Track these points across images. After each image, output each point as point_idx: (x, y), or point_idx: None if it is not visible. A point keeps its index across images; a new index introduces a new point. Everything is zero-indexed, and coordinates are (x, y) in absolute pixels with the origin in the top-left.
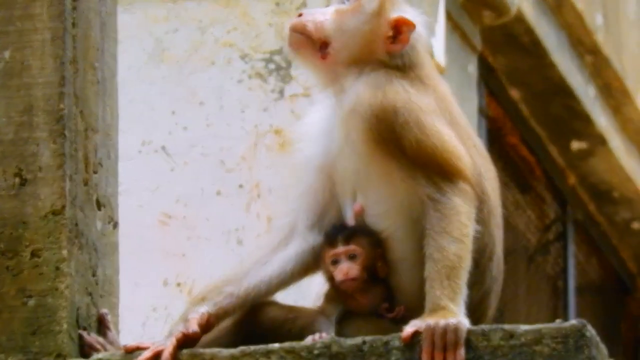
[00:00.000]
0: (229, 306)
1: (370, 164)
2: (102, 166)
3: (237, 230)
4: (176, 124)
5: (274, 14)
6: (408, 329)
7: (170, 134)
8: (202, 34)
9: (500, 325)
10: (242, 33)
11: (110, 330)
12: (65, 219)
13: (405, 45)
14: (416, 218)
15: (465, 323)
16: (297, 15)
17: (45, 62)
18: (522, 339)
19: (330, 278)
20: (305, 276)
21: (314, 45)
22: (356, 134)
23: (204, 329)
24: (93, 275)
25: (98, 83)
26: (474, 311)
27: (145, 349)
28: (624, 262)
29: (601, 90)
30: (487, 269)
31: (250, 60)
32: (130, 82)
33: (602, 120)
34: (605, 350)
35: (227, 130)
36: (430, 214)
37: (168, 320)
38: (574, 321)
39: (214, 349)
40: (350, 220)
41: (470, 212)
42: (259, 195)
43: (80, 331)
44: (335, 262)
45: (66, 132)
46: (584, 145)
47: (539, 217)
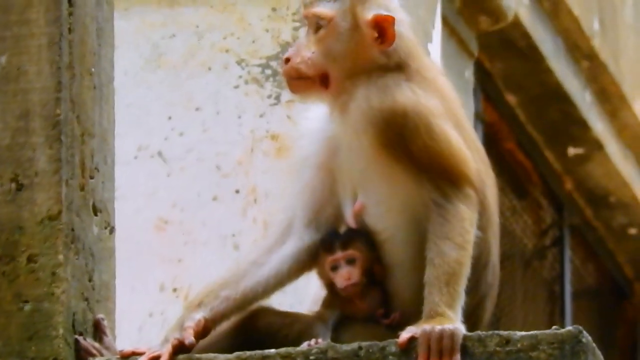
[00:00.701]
0: (226, 310)
1: (376, 166)
2: (98, 171)
3: (234, 236)
4: (172, 129)
5: (271, 19)
6: (404, 335)
7: (166, 139)
8: (199, 40)
9: (496, 332)
10: (238, 39)
11: (106, 336)
12: (62, 224)
13: (394, 40)
14: (418, 221)
15: (461, 329)
16: (284, 61)
17: (42, 68)
18: (519, 345)
19: (329, 284)
20: (301, 275)
21: (314, 83)
22: (364, 136)
23: (200, 335)
24: (89, 281)
25: (94, 88)
26: (470, 317)
27: (141, 354)
28: (621, 267)
29: (598, 96)
30: (482, 276)
31: (247, 66)
32: (126, 88)
33: (599, 125)
34: (602, 356)
35: (224, 136)
36: (434, 219)
37: (164, 326)
38: (570, 327)
39: (210, 354)
40: (349, 219)
41: (473, 218)
42: (255, 200)
43: (76, 336)
44: (335, 268)
45: (62, 138)
46: (580, 150)
47: (535, 222)
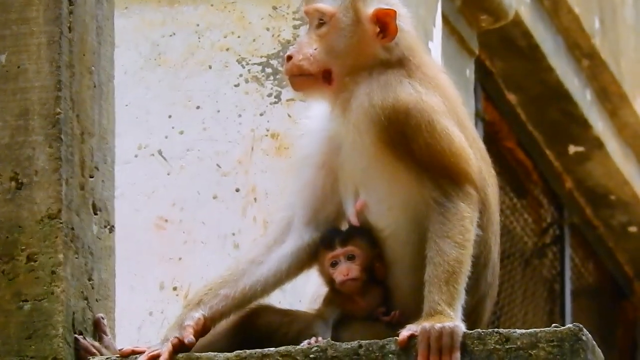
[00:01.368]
0: (225, 309)
1: (378, 164)
2: (98, 170)
3: (234, 234)
4: (172, 127)
5: (271, 18)
6: (404, 333)
7: (166, 137)
8: (199, 38)
9: (496, 330)
10: (238, 37)
11: (106, 335)
12: (61, 223)
13: (396, 34)
14: (419, 219)
15: (461, 327)
16: (286, 59)
17: (42, 66)
18: (518, 343)
19: (330, 281)
20: (300, 273)
21: (317, 80)
22: (366, 134)
23: (199, 334)
24: (89, 280)
25: (94, 87)
26: (470, 315)
27: (140, 353)
28: (621, 266)
29: (598, 94)
30: (482, 275)
31: (247, 65)
32: (126, 86)
33: (599, 124)
34: (601, 354)
35: (224, 134)
36: (435, 218)
37: (164, 324)
38: (570, 325)
39: (209, 353)
40: (351, 217)
41: (473, 217)
42: (255, 199)
43: (75, 335)
44: (335, 264)
45: (62, 136)
46: (580, 149)
47: (535, 220)
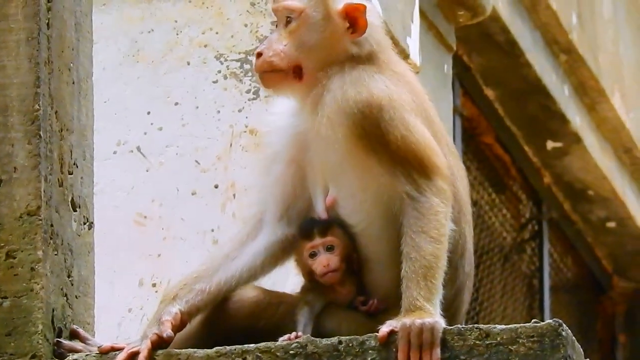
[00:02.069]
0: (200, 303)
1: (350, 158)
2: (77, 167)
3: (213, 231)
4: (151, 124)
5: (249, 14)
6: (384, 329)
7: (145, 134)
8: (177, 34)
9: (476, 325)
10: (217, 33)
11: (88, 339)
12: (41, 220)
13: (365, 29)
14: (391, 214)
15: (441, 323)
16: (255, 56)
17: (20, 63)
18: (498, 339)
19: (309, 272)
20: (274, 268)
21: (287, 75)
22: (339, 128)
23: (177, 328)
24: (68, 276)
25: (73, 83)
26: (448, 308)
27: (120, 349)
28: (599, 261)
29: (576, 89)
30: (460, 265)
31: (226, 61)
32: (105, 83)
33: (577, 119)
34: (581, 349)
35: (203, 131)
36: (409, 212)
37: (143, 321)
38: (550, 321)
39: (189, 349)
40: (321, 213)
41: (447, 212)
42: (234, 195)
43: (57, 339)
44: (314, 255)
45: (41, 133)
46: (559, 144)
47: (514, 216)
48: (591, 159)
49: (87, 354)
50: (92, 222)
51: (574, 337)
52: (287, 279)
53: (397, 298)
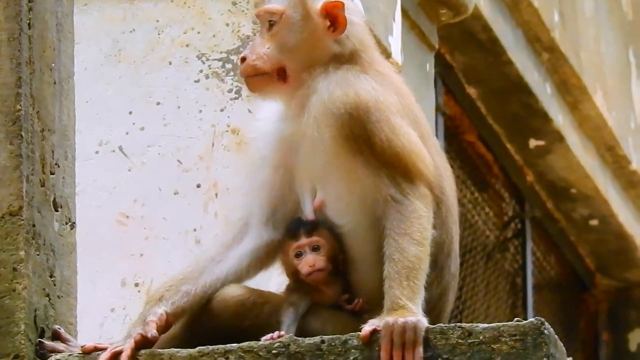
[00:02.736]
0: (186, 305)
1: (337, 159)
2: (59, 167)
3: (195, 230)
4: (133, 124)
5: (231, 13)
6: (366, 328)
7: (127, 134)
8: (159, 34)
9: (458, 324)
10: (198, 33)
11: (70, 341)
12: (23, 220)
13: (345, 26)
14: (376, 216)
15: (424, 322)
16: (240, 61)
17: (2, 63)
18: (481, 337)
19: (294, 272)
20: (260, 271)
21: (272, 78)
22: (326, 129)
23: (162, 329)
24: (51, 276)
25: (55, 84)
26: (433, 308)
27: (103, 349)
28: (582, 259)
29: (558, 88)
30: (446, 265)
31: (207, 60)
32: (87, 83)
33: (560, 117)
34: (563, 347)
35: (184, 130)
36: (392, 215)
37: (126, 321)
38: (532, 319)
39: (172, 349)
40: (309, 215)
41: (430, 217)
42: (216, 194)
43: (39, 339)
44: (299, 255)
45: (23, 133)
46: (541, 142)
47: (497, 214)
48: (574, 157)
49: (69, 354)
50: (74, 222)
51: (556, 336)
52: (270, 279)
53: (382, 298)
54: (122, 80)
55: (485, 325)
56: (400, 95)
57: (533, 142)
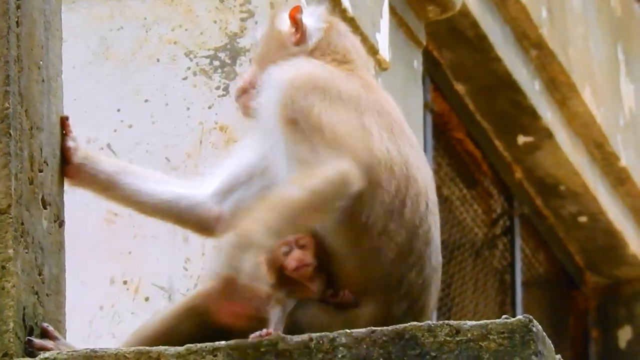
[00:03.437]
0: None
1: (280, 141)
2: (47, 165)
3: None
4: (121, 121)
5: (218, 10)
6: None
7: (115, 131)
8: (147, 32)
9: (446, 322)
10: (186, 30)
11: (58, 339)
12: (11, 218)
13: (300, 29)
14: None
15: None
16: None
17: None
18: (469, 335)
19: (279, 269)
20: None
21: (250, 91)
22: (269, 111)
23: None
24: (39, 274)
25: (43, 82)
26: (417, 299)
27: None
28: (571, 256)
29: (547, 85)
30: (425, 254)
31: (195, 58)
32: (75, 80)
33: (548, 114)
34: (552, 345)
35: (172, 128)
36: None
37: (115, 319)
38: (520, 317)
39: (160, 347)
40: None
41: (334, 184)
42: None
43: (28, 337)
44: (287, 252)
45: (11, 131)
46: (530, 139)
47: (485, 211)
48: (562, 154)
49: (57, 352)
50: (63, 220)
51: (544, 333)
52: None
53: (365, 287)
54: (110, 78)
55: (473, 322)
56: (364, 83)
57: (522, 139)
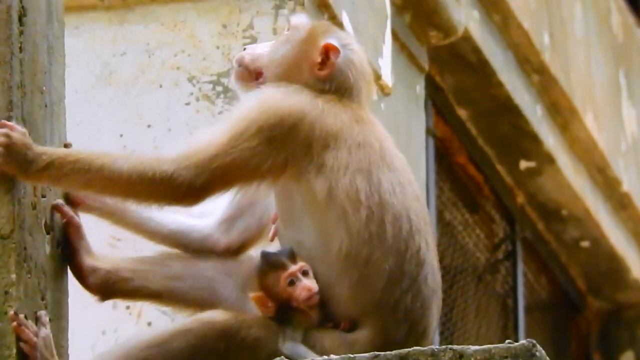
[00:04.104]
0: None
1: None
2: (50, 190)
3: None
4: (124, 146)
5: (221, 36)
6: None
7: None
8: (150, 57)
9: (450, 346)
10: (189, 55)
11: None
12: (14, 243)
13: (331, 71)
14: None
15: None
16: (242, 49)
17: None
18: (472, 359)
19: (285, 300)
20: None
21: (250, 76)
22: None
23: None
24: (42, 299)
25: (46, 106)
26: (418, 322)
27: None
28: (573, 280)
29: (548, 109)
30: (419, 277)
31: (198, 83)
32: (78, 105)
33: (550, 138)
34: None
35: None
36: None
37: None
38: (524, 341)
39: None
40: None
41: (165, 180)
42: None
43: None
44: (292, 282)
45: None
46: (532, 163)
47: (487, 236)
48: (564, 179)
49: None
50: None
51: (547, 357)
52: None
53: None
54: (112, 102)
55: (477, 347)
56: (357, 119)
57: (524, 164)
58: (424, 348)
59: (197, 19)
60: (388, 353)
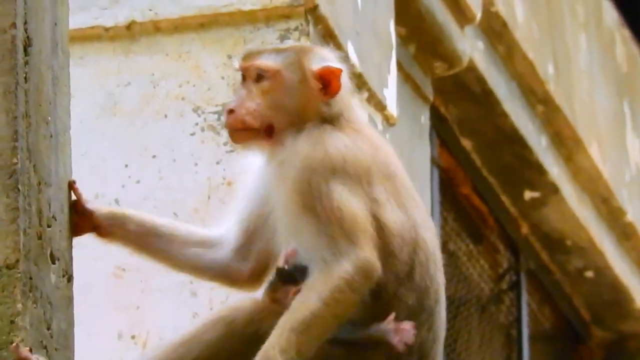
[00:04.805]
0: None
1: (293, 215)
2: (55, 220)
3: (191, 282)
4: (129, 177)
5: (226, 66)
6: None
7: (123, 187)
8: (154, 87)
9: None
10: (194, 86)
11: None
12: (19, 273)
13: (338, 92)
14: None
15: None
16: (226, 113)
17: None
18: None
19: None
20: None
21: (259, 134)
22: (288, 184)
23: None
24: (48, 329)
25: (51, 137)
26: (426, 356)
27: None
28: (577, 311)
29: (553, 139)
30: (435, 311)
31: (203, 113)
32: (82, 136)
33: (554, 169)
34: None
35: (180, 183)
36: (315, 275)
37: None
38: None
39: None
40: (281, 260)
41: (355, 283)
42: None
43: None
44: None
45: (19, 186)
46: (536, 194)
47: (492, 266)
48: (568, 209)
49: None
50: (71, 275)
51: None
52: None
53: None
54: (117, 133)
55: None
56: (375, 149)
57: (528, 194)
58: None
59: (202, 49)
60: None
